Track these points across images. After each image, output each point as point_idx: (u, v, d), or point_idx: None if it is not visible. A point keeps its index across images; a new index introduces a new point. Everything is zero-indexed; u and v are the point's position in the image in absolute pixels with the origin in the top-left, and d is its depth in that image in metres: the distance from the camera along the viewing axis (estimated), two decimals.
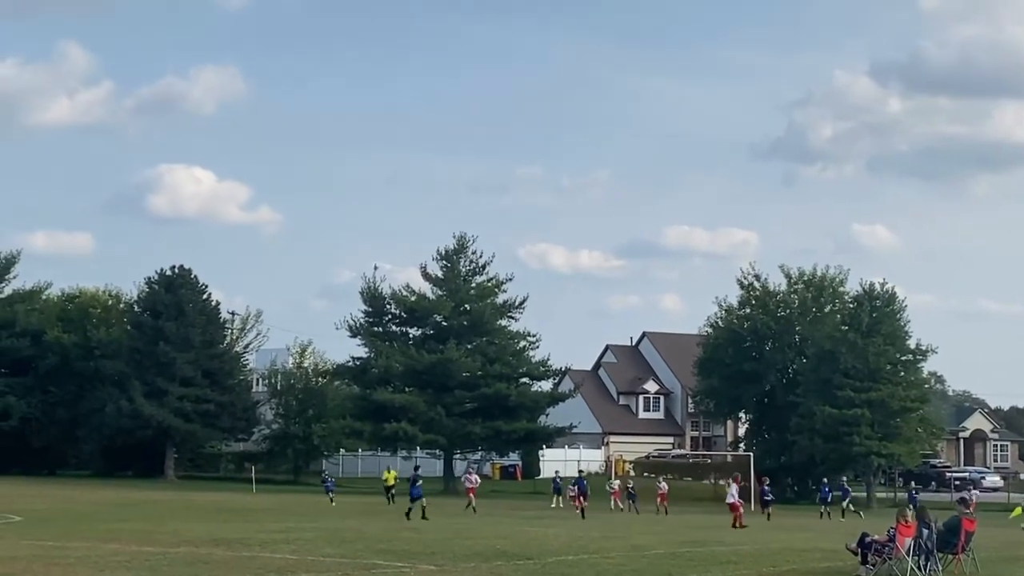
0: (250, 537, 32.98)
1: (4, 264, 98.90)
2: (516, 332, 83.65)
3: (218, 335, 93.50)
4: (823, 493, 59.09)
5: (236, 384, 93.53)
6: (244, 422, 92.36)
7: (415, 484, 45.15)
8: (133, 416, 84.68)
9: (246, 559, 26.82)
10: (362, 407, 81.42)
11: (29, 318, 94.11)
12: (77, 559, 26.12)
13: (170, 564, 25.39)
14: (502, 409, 79.36)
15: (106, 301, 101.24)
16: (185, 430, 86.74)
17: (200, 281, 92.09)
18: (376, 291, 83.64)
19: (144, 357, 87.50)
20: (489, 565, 26.66)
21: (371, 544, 31.50)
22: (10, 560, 25.50)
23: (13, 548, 28.45)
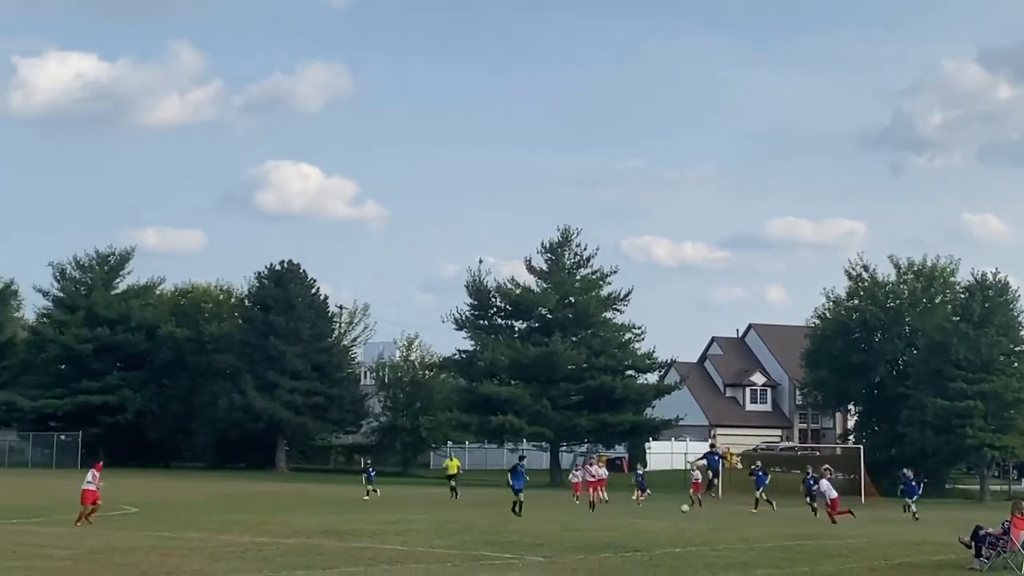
0: (360, 528, 33.40)
1: (118, 260, 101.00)
2: (621, 324, 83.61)
3: (327, 329, 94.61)
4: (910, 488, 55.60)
5: (345, 377, 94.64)
6: (353, 415, 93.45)
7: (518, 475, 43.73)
8: (245, 409, 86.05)
9: (357, 550, 27.18)
10: (468, 400, 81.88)
11: (143, 313, 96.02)
12: (192, 549, 26.64)
13: (283, 555, 25.80)
14: (608, 401, 79.33)
15: (217, 296, 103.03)
16: (296, 423, 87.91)
17: (308, 276, 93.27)
18: (481, 284, 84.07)
19: (255, 351, 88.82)
20: (597, 557, 26.74)
21: (479, 535, 31.73)
22: (127, 550, 26.11)
23: (130, 539, 29.11)
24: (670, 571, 24.40)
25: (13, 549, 25.83)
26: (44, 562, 23.44)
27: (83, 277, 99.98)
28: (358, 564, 24.34)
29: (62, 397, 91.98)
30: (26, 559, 23.94)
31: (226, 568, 23.01)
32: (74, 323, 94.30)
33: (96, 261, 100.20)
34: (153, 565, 23.26)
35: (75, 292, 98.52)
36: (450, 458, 59.81)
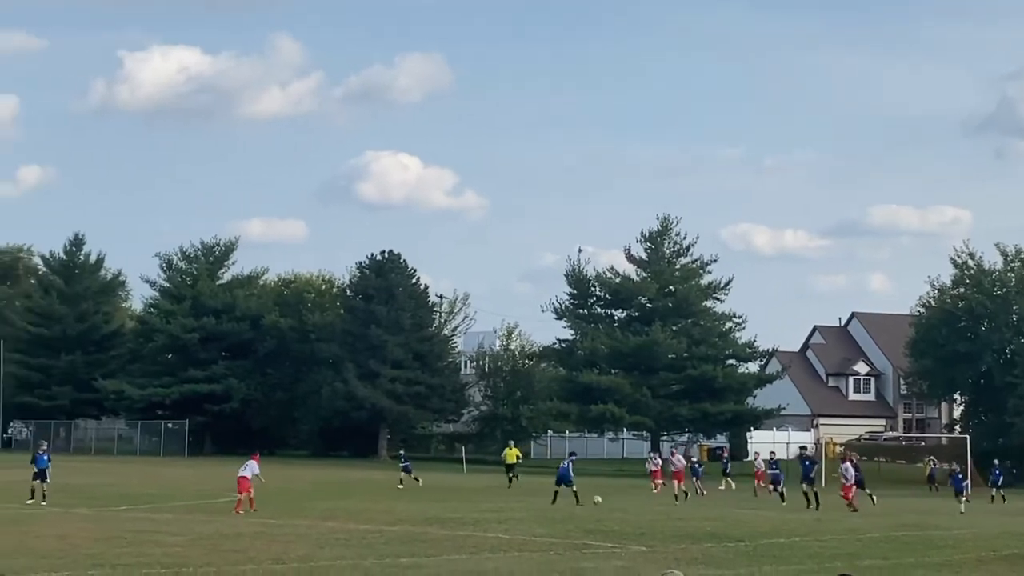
0: (463, 516, 33.60)
1: (223, 251, 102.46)
2: (721, 313, 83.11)
3: (427, 318, 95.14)
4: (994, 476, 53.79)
5: (445, 366, 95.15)
6: (453, 403, 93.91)
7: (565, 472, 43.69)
8: (347, 398, 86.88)
9: (460, 538, 27.36)
10: (569, 389, 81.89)
11: (248, 303, 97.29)
12: (297, 536, 27.00)
13: (387, 542, 26.04)
14: (709, 391, 78.91)
15: (320, 286, 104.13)
16: (397, 411, 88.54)
17: (409, 265, 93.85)
18: (581, 274, 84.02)
19: (357, 340, 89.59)
20: (700, 547, 26.66)
21: (581, 524, 31.76)
22: (235, 537, 26.53)
23: (238, 525, 29.58)
24: (774, 561, 24.26)
25: (124, 535, 26.37)
26: (154, 548, 23.88)
27: (189, 267, 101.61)
28: (461, 552, 24.51)
29: (169, 386, 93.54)
30: (136, 545, 24.42)
31: (331, 555, 23.29)
32: (180, 313, 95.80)
33: (201, 252, 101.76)
34: (260, 551, 23.60)
35: (181, 282, 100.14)
36: (509, 447, 57.59)
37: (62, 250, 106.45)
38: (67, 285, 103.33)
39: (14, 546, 23.65)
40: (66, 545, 24.05)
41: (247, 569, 20.78)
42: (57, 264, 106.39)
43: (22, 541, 24.67)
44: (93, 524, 29.41)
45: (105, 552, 22.89)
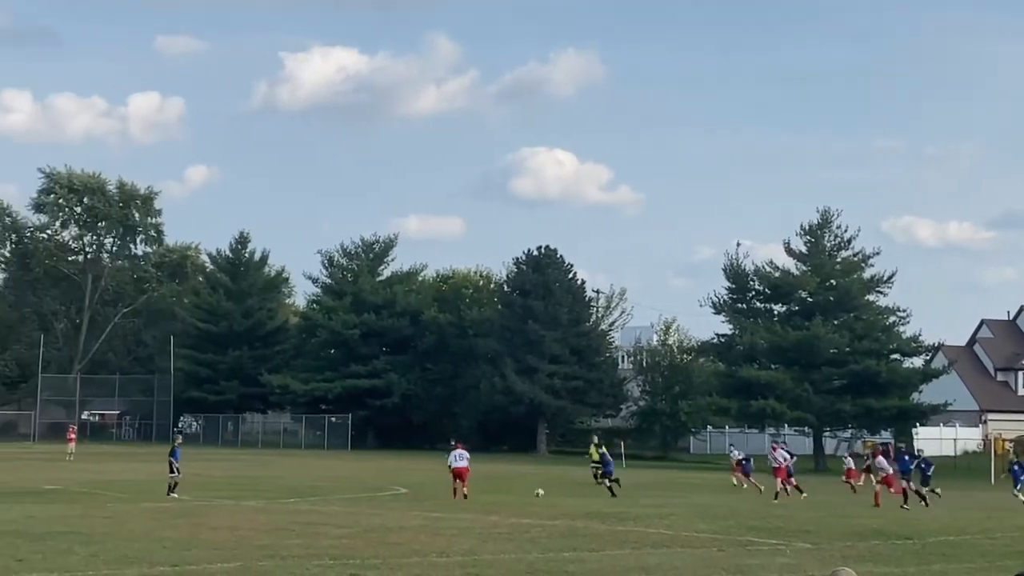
0: (624, 512, 33.58)
1: (382, 248, 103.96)
2: (885, 307, 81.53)
3: (584, 313, 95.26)
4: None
5: (603, 361, 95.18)
6: (612, 398, 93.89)
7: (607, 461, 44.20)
8: (506, 393, 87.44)
9: (622, 533, 27.36)
10: (728, 384, 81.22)
11: (407, 299, 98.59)
12: (460, 530, 27.26)
13: (549, 536, 26.16)
14: (872, 386, 77.47)
15: (477, 281, 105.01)
16: (555, 406, 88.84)
17: (565, 261, 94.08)
18: (739, 268, 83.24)
19: (515, 335, 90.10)
20: (866, 544, 26.26)
21: (743, 521, 31.52)
22: (399, 530, 26.91)
23: (401, 519, 30.00)
24: (944, 559, 23.78)
25: (292, 527, 26.93)
26: (321, 540, 24.34)
27: (350, 264, 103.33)
28: (624, 547, 24.52)
29: (332, 380, 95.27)
30: (304, 536, 24.93)
31: (495, 549, 23.49)
32: (342, 309, 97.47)
33: (362, 249, 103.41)
34: (424, 544, 23.90)
35: (342, 279, 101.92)
36: (593, 443, 54.89)
37: (228, 248, 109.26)
38: (233, 282, 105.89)
39: (188, 538, 24.33)
40: (237, 537, 24.66)
41: (412, 562, 21.05)
42: (223, 262, 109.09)
43: (195, 533, 25.36)
44: (263, 516, 30.11)
45: (275, 544, 23.41)
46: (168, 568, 19.65)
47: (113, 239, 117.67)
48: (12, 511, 30.55)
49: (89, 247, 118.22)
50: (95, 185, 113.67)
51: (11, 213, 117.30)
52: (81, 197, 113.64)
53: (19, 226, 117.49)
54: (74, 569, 19.33)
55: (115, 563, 20.16)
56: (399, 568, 20.20)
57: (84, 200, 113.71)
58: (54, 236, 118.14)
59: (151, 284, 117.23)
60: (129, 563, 20.19)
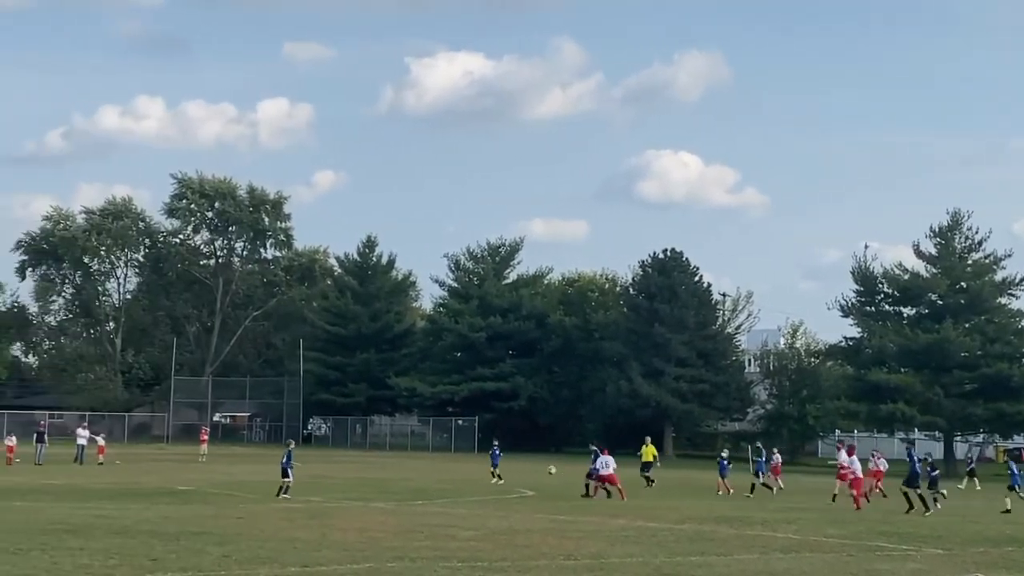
0: (751, 516, 33.33)
1: (508, 251, 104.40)
2: (1017, 310, 80.00)
3: (710, 316, 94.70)
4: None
5: (729, 365, 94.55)
6: (739, 402, 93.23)
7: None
8: (632, 396, 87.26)
9: (749, 537, 27.16)
10: (856, 388, 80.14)
11: (533, 302, 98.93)
12: (587, 533, 27.28)
13: (676, 540, 26.08)
14: (1005, 390, 75.86)
15: (603, 284, 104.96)
16: (682, 410, 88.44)
17: (691, 263, 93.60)
18: (867, 270, 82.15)
19: (640, 338, 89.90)
20: (999, 551, 25.74)
21: (873, 526, 31.08)
22: (526, 532, 27.01)
23: (528, 521, 30.11)
24: None
25: (421, 529, 27.18)
26: (450, 542, 24.53)
27: (476, 268, 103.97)
28: (751, 551, 24.34)
29: (459, 383, 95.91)
30: (433, 539, 25.14)
31: (622, 552, 23.48)
32: (468, 312, 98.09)
33: (488, 252, 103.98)
34: (552, 547, 23.96)
35: (469, 282, 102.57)
36: (646, 444, 52.09)
37: (356, 252, 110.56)
38: (361, 286, 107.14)
39: (318, 539, 24.68)
40: (366, 538, 24.95)
41: (540, 564, 21.13)
42: (351, 265, 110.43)
43: (325, 534, 25.71)
44: (391, 518, 30.44)
45: (404, 545, 23.65)
46: (299, 568, 19.96)
47: (243, 243, 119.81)
48: (147, 511, 31.29)
49: (220, 251, 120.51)
50: (226, 190, 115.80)
51: (145, 218, 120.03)
52: (212, 202, 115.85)
53: (152, 231, 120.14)
54: (207, 569, 19.72)
55: (247, 563, 20.53)
56: (527, 571, 20.30)
57: (215, 205, 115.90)
58: (186, 241, 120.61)
59: (280, 288, 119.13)
60: (261, 563, 20.54)
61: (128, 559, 20.68)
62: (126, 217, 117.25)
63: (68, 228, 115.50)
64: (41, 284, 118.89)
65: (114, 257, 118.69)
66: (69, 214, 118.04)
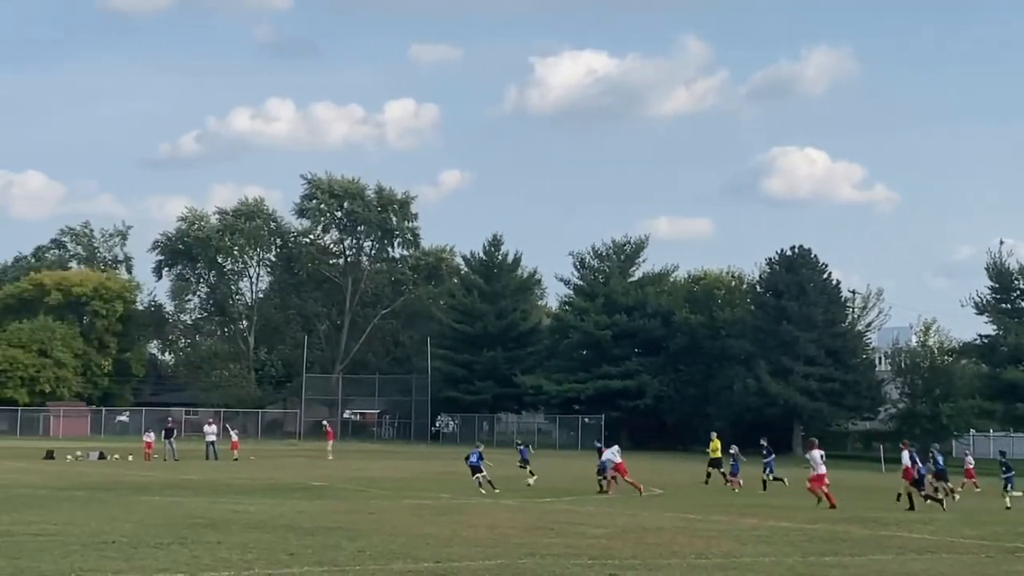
0: (886, 516, 32.86)
1: (633, 249, 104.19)
2: None
3: (840, 314, 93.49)
4: None
5: (860, 363, 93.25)
6: (869, 400, 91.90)
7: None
8: (759, 394, 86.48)
9: (884, 538, 26.77)
10: (992, 386, 78.70)
11: (659, 300, 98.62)
12: (718, 532, 27.11)
13: (809, 540, 25.80)
14: None
15: (729, 282, 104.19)
16: (811, 408, 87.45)
17: (819, 261, 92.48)
18: (1003, 267, 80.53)
19: (768, 336, 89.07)
20: None
21: (1013, 527, 30.41)
22: (656, 531, 26.93)
23: (659, 520, 30.02)
24: None
25: (550, 526, 27.25)
26: (579, 539, 24.56)
27: (601, 266, 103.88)
28: (886, 552, 23.99)
29: (584, 381, 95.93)
30: (563, 536, 25.19)
31: (754, 552, 23.29)
32: (593, 310, 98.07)
33: (613, 250, 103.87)
34: (682, 546, 23.86)
35: (594, 280, 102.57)
36: (712, 439, 50.23)
37: (481, 250, 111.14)
38: (487, 284, 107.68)
39: (449, 535, 24.88)
40: (497, 535, 25.08)
41: (671, 563, 21.06)
42: (477, 264, 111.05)
43: (456, 530, 25.90)
44: (520, 514, 30.56)
45: (534, 542, 23.74)
46: (432, 564, 20.13)
47: (372, 243, 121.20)
48: (282, 506, 31.83)
49: (349, 251, 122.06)
50: (354, 190, 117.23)
51: (276, 218, 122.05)
52: (341, 202, 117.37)
53: (283, 231, 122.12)
54: (342, 564, 19.97)
55: (381, 558, 20.77)
56: (658, 569, 20.24)
57: (344, 205, 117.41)
58: (316, 240, 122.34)
59: (408, 286, 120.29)
60: (394, 558, 20.77)
61: (265, 553, 21.05)
62: (258, 217, 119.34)
63: (202, 229, 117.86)
64: (177, 283, 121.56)
65: (247, 257, 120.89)
66: (203, 215, 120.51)
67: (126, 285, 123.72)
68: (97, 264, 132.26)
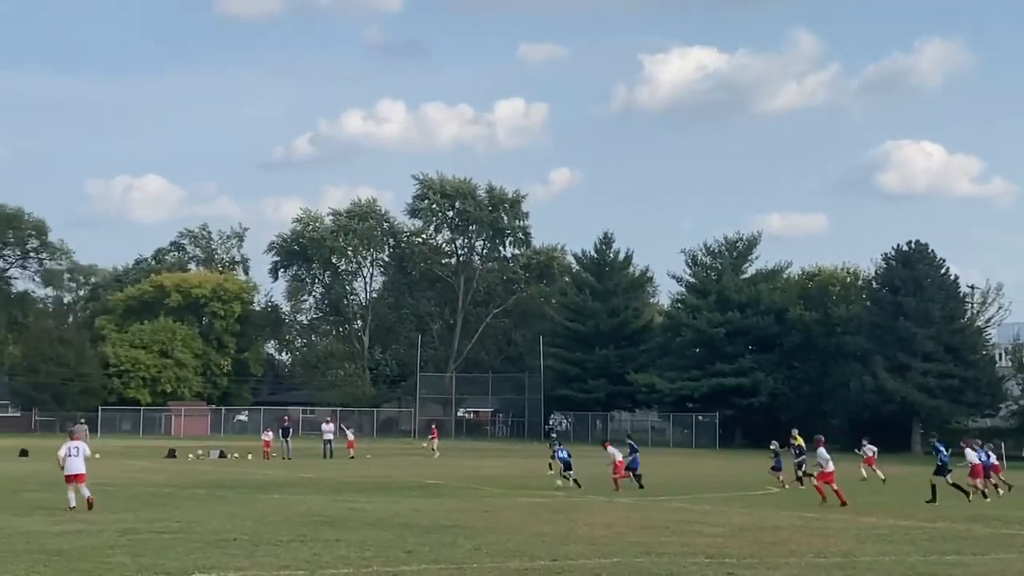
0: (1007, 514, 32.27)
1: (746, 246, 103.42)
2: None
3: (958, 310, 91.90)
4: None
5: (980, 359, 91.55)
6: (990, 397, 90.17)
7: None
8: (876, 391, 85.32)
9: (1007, 537, 26.30)
10: None
11: (772, 297, 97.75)
12: (836, 530, 26.84)
13: (930, 539, 25.44)
14: None
15: (844, 278, 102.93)
16: (929, 405, 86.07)
17: (936, 255, 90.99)
18: None
19: (884, 333, 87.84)
20: None
21: None
22: (773, 529, 26.73)
23: (775, 518, 29.78)
24: None
25: (666, 525, 27.19)
26: (696, 538, 24.47)
27: (713, 263, 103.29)
28: (1009, 551, 23.57)
29: (698, 379, 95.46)
30: (679, 535, 25.12)
31: (873, 551, 23.03)
32: (706, 307, 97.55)
33: (725, 247, 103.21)
34: (800, 544, 23.66)
35: (706, 277, 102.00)
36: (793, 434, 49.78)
37: (592, 248, 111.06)
38: (599, 282, 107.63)
39: (564, 533, 24.95)
40: (612, 533, 25.09)
41: (789, 562, 20.90)
42: (588, 262, 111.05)
43: (571, 528, 25.96)
44: (635, 513, 30.53)
45: (650, 541, 23.71)
46: (547, 562, 20.19)
47: (483, 242, 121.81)
48: (398, 504, 32.15)
49: (461, 250, 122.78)
50: (466, 190, 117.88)
51: (389, 219, 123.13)
52: (453, 202, 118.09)
53: (396, 231, 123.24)
54: (459, 561, 20.12)
55: (497, 556, 20.89)
56: (776, 568, 20.10)
57: (456, 205, 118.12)
58: (428, 240, 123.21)
59: (519, 285, 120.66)
60: (510, 556, 20.88)
61: (383, 551, 21.29)
62: (371, 218, 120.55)
63: (316, 230, 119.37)
64: (292, 284, 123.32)
65: (360, 257, 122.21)
66: (317, 216, 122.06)
67: (243, 286, 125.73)
68: (215, 266, 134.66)
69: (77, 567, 18.70)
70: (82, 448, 29.45)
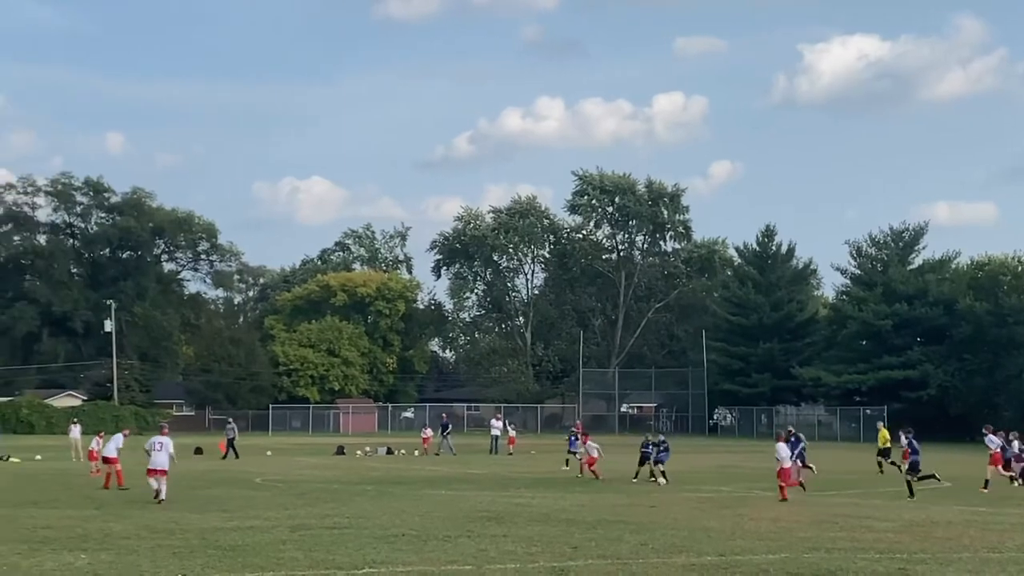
0: None
1: (912, 236, 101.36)
2: None
3: None
4: None
5: None
6: None
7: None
8: None
9: None
10: None
11: (940, 287, 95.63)
12: (1011, 525, 26.28)
13: None
14: None
15: (1015, 268, 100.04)
16: None
17: None
18: None
19: None
20: None
21: None
22: (945, 524, 26.25)
23: (947, 513, 29.23)
24: None
25: (835, 520, 26.89)
26: (865, 533, 24.17)
27: (879, 254, 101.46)
28: None
29: (864, 372, 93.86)
30: (848, 529, 24.84)
31: None
32: (872, 299, 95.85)
33: (890, 238, 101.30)
34: (973, 539, 23.21)
35: (872, 269, 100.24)
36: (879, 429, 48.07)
37: (754, 241, 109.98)
38: (761, 275, 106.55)
39: (731, 528, 24.84)
40: (780, 528, 24.90)
41: (962, 557, 20.51)
42: (750, 255, 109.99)
43: (738, 524, 25.82)
44: (803, 508, 30.22)
45: (819, 536, 23.47)
46: (715, 557, 20.14)
47: (644, 237, 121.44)
48: (563, 500, 32.32)
49: (621, 245, 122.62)
50: (625, 185, 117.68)
51: (549, 215, 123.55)
52: (612, 197, 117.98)
53: (556, 227, 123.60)
54: (625, 557, 20.16)
55: (664, 551, 20.89)
56: (949, 563, 19.76)
57: (615, 200, 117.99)
58: (588, 236, 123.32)
59: (681, 279, 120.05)
60: (677, 551, 20.86)
61: (549, 546, 21.45)
62: (531, 215, 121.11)
63: (478, 227, 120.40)
64: (455, 282, 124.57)
65: (521, 254, 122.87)
66: (478, 214, 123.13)
67: (407, 284, 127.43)
68: (379, 265, 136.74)
69: (251, 562, 19.23)
70: (166, 444, 30.36)
